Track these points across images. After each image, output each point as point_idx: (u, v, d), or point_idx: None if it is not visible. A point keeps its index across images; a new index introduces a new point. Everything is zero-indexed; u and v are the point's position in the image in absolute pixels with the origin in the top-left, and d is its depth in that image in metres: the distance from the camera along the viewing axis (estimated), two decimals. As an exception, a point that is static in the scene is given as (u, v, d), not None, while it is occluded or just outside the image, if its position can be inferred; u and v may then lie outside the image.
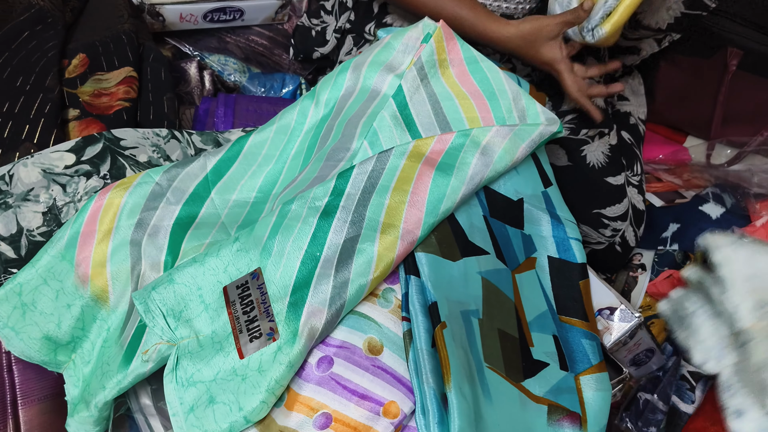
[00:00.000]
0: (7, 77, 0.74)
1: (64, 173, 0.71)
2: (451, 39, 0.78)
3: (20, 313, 0.66)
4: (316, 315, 0.59)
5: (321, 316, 0.58)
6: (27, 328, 0.66)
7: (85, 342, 0.68)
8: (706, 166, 1.25)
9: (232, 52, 1.12)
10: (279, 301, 0.60)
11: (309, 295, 0.60)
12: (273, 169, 0.77)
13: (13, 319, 0.66)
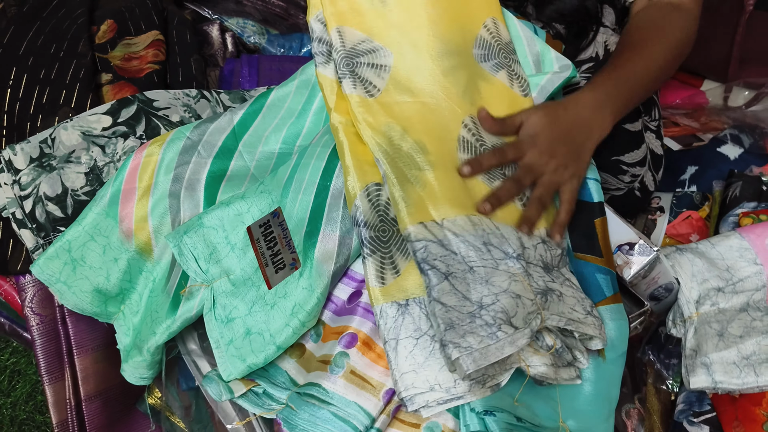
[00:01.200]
0: (40, 45, 0.77)
1: (103, 135, 0.74)
2: None
3: (71, 268, 0.70)
4: (329, 239, 0.63)
5: (333, 238, 0.63)
6: (78, 282, 0.71)
7: (132, 293, 0.73)
8: (723, 109, 1.26)
9: (250, 14, 1.13)
10: (298, 234, 0.64)
11: (323, 223, 0.64)
12: (296, 122, 0.79)
13: (64, 274, 0.70)
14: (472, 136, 0.67)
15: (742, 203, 0.91)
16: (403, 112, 0.68)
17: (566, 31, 0.99)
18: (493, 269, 0.58)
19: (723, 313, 0.78)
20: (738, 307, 0.78)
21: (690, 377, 0.75)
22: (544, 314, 0.57)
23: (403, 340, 0.56)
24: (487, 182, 0.66)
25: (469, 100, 0.69)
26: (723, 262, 0.81)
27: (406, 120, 0.67)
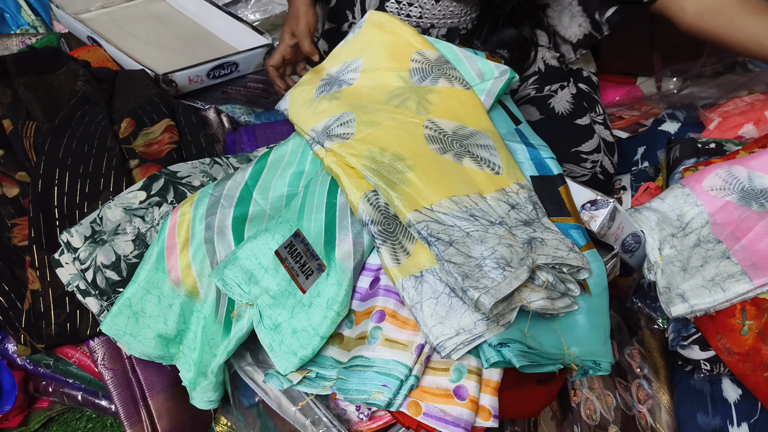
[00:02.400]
0: (76, 147, 0.93)
1: (140, 207, 0.89)
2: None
3: (134, 321, 0.83)
4: (344, 241, 0.77)
5: (348, 240, 0.77)
6: (142, 331, 0.83)
7: (188, 333, 0.85)
8: (658, 96, 1.44)
9: (236, 99, 1.31)
10: (318, 245, 0.78)
11: (336, 231, 0.78)
12: (297, 168, 0.94)
13: (129, 326, 0.82)
14: (433, 132, 0.83)
15: (683, 161, 1.06)
16: (376, 138, 0.83)
17: (509, 55, 1.17)
18: (484, 232, 0.72)
19: (682, 252, 0.91)
20: (692, 244, 0.91)
21: (670, 308, 0.88)
22: (533, 256, 0.70)
23: (426, 301, 0.69)
24: (476, 166, 0.81)
25: (423, 112, 0.86)
26: (673, 212, 0.95)
27: (381, 141, 0.82)
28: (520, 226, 0.76)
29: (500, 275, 0.67)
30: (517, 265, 0.69)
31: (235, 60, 1.31)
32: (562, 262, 0.72)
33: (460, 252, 0.70)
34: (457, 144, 0.84)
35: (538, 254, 0.71)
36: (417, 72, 0.92)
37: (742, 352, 0.82)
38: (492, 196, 0.78)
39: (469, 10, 1.14)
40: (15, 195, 0.93)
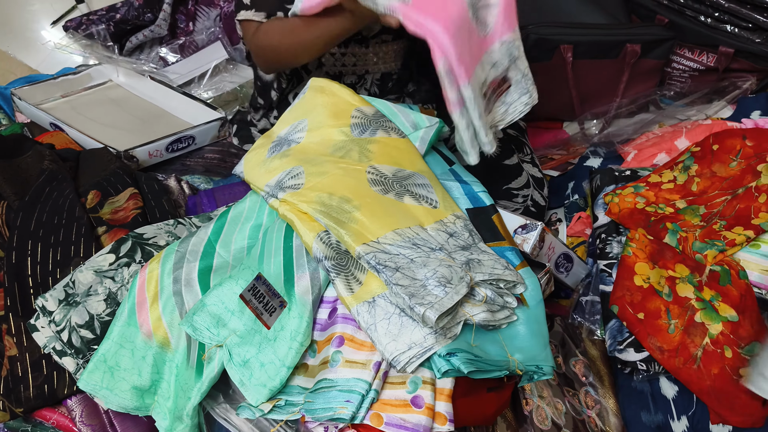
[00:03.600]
0: (46, 220, 0.99)
1: (110, 269, 0.95)
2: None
3: (110, 375, 0.88)
4: (302, 278, 0.85)
5: (305, 277, 0.85)
6: (118, 384, 0.87)
7: (162, 382, 0.90)
8: (582, 137, 1.58)
9: (195, 170, 1.40)
10: (278, 284, 0.85)
11: (294, 270, 0.86)
12: (255, 222, 1.02)
13: (105, 381, 0.87)
14: (375, 176, 0.93)
15: (604, 188, 1.18)
16: (324, 185, 0.93)
17: (437, 107, 1.30)
18: (426, 257, 0.81)
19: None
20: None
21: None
22: (471, 274, 0.79)
23: (379, 322, 0.77)
24: (415, 202, 0.90)
25: (365, 159, 0.96)
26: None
27: (329, 188, 0.92)
28: (458, 251, 0.85)
29: (442, 291, 0.75)
30: (457, 282, 0.77)
31: (191, 134, 1.40)
32: (498, 278, 0.81)
33: (406, 276, 0.78)
34: (397, 185, 0.94)
35: (476, 272, 0.80)
36: (357, 126, 1.03)
37: (672, 348, 0.91)
38: (432, 227, 0.88)
39: (395, 56, 1.27)
40: (-11, 269, 0.98)
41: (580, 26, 1.56)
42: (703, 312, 0.92)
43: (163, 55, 1.81)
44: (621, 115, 1.61)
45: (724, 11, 1.51)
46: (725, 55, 1.53)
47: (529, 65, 1.53)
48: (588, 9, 1.67)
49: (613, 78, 1.57)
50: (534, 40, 1.50)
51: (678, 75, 1.64)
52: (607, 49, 1.53)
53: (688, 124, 1.38)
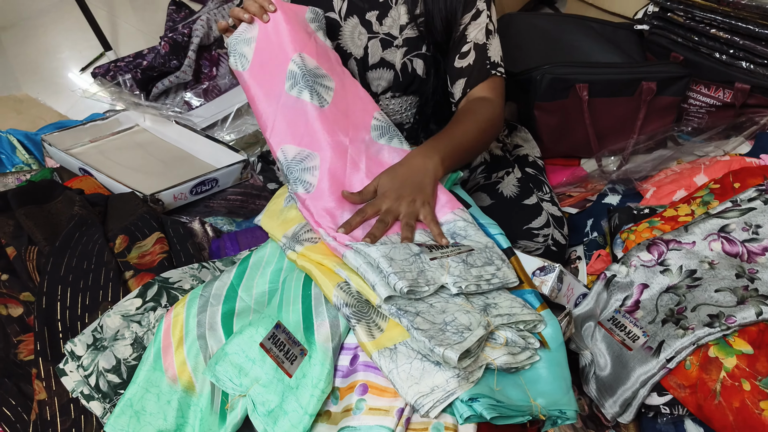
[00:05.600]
0: (75, 265, 1.02)
1: (137, 313, 0.97)
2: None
3: (136, 419, 0.89)
4: (322, 326, 0.86)
5: (325, 325, 0.86)
6: (144, 428, 0.89)
7: (186, 427, 0.90)
8: (600, 174, 1.59)
9: (218, 211, 1.43)
10: (298, 332, 0.86)
11: (314, 318, 0.87)
12: (275, 267, 1.04)
13: (131, 425, 0.88)
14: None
15: (622, 227, 1.18)
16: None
17: None
18: (445, 303, 0.82)
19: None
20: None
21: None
22: (490, 319, 0.80)
23: (401, 367, 0.77)
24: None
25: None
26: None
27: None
28: (475, 294, 0.86)
29: (460, 337, 0.76)
30: (476, 327, 0.78)
31: (215, 176, 1.44)
32: (518, 320, 0.82)
33: (426, 320, 0.79)
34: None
35: (494, 316, 0.81)
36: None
37: (691, 384, 0.91)
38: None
39: (408, 106, 1.29)
40: (20, 314, 1.01)
41: (595, 65, 1.58)
42: (716, 347, 0.91)
43: (188, 99, 1.87)
44: (639, 151, 1.62)
45: (739, 48, 1.53)
46: (741, 91, 1.53)
47: (546, 104, 1.56)
48: (603, 48, 1.70)
49: (630, 115, 1.59)
50: (549, 80, 1.52)
51: (695, 111, 1.65)
52: (622, 87, 1.55)
53: (706, 161, 1.38)
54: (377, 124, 1.10)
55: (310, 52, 1.07)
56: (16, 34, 2.32)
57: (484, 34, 1.17)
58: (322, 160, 1.02)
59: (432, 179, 0.99)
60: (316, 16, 1.12)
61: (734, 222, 1.05)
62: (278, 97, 1.05)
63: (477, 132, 1.10)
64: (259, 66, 1.05)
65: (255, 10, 1.03)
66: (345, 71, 1.12)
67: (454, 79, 1.20)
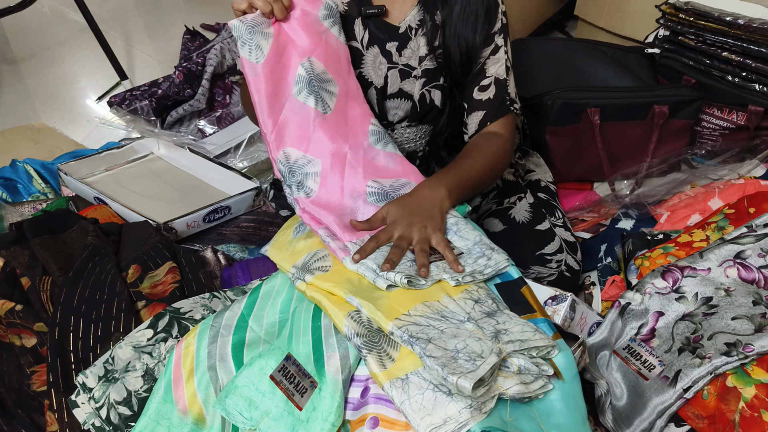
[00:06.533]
0: (88, 296, 1.03)
1: (148, 344, 0.97)
2: None
3: (146, 451, 0.89)
4: (332, 358, 0.86)
5: (336, 356, 0.86)
6: (153, 460, 0.88)
7: (197, 458, 0.90)
8: (614, 198, 1.58)
9: (231, 239, 1.43)
10: (309, 365, 0.86)
11: (324, 350, 0.87)
12: (286, 297, 1.04)
13: (141, 457, 0.88)
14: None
15: (636, 253, 1.17)
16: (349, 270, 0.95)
17: None
18: (456, 329, 0.82)
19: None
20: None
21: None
22: (501, 346, 0.79)
23: (413, 398, 0.77)
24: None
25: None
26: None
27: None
28: (485, 319, 0.85)
29: (473, 365, 0.75)
30: (488, 354, 0.77)
31: (227, 204, 1.45)
32: (530, 346, 0.81)
33: (438, 347, 0.79)
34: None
35: (505, 342, 0.80)
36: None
37: (709, 415, 0.89)
38: (459, 297, 0.88)
39: (422, 134, 1.30)
40: (33, 345, 1.02)
41: (606, 89, 1.58)
42: (734, 376, 0.89)
43: (201, 127, 1.89)
44: (652, 174, 1.61)
45: (752, 71, 1.52)
46: (755, 113, 1.52)
47: (557, 128, 1.56)
48: (614, 72, 1.70)
49: (643, 139, 1.58)
50: (560, 105, 1.53)
51: (709, 134, 1.64)
52: (634, 111, 1.54)
53: (720, 184, 1.37)
54: (374, 129, 1.14)
55: (319, 55, 1.09)
56: (35, 65, 2.37)
57: (504, 69, 1.20)
58: (323, 167, 1.06)
59: (439, 209, 1.00)
60: (330, 11, 1.12)
61: (750, 248, 1.03)
62: (285, 99, 1.07)
63: (485, 167, 1.12)
64: (273, 63, 1.06)
65: (276, 6, 1.03)
66: (351, 71, 1.15)
67: (472, 111, 1.21)
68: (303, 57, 1.07)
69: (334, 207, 1.03)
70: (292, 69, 1.07)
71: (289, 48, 1.07)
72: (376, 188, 1.07)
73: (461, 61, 1.18)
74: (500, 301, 0.90)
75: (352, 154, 1.09)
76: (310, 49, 1.08)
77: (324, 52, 1.09)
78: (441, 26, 1.18)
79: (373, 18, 1.19)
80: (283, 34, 1.07)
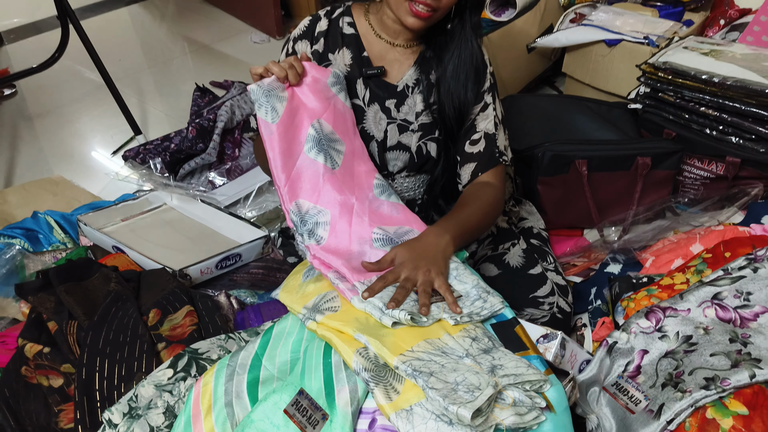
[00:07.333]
0: (113, 338, 1.11)
1: (169, 383, 1.05)
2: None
3: (167, 484, 0.95)
4: (342, 391, 0.93)
5: (345, 390, 0.93)
6: (174, 493, 0.95)
7: (216, 490, 0.96)
8: (603, 244, 1.66)
9: (241, 284, 1.51)
10: (320, 398, 0.93)
11: (334, 384, 0.94)
12: (296, 337, 1.12)
13: (162, 490, 0.95)
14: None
15: (622, 295, 1.25)
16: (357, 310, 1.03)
17: None
18: (455, 363, 0.89)
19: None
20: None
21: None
22: (497, 379, 0.87)
23: (417, 427, 0.84)
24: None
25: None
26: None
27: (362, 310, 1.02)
28: (482, 355, 0.93)
29: (471, 396, 0.83)
30: (485, 387, 0.85)
31: (238, 251, 1.54)
32: (523, 380, 0.88)
33: (439, 380, 0.86)
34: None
35: (501, 376, 0.87)
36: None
37: (692, 448, 0.96)
38: (458, 335, 0.97)
39: (420, 183, 1.39)
40: (60, 385, 1.09)
41: (592, 142, 1.69)
42: (713, 409, 0.96)
43: (212, 178, 2.00)
44: (639, 221, 1.70)
45: (728, 124, 1.63)
46: (733, 164, 1.63)
47: (548, 179, 1.66)
48: (600, 126, 1.82)
49: (628, 188, 1.68)
50: (550, 157, 1.63)
51: (690, 183, 1.74)
52: (619, 162, 1.65)
53: (701, 230, 1.46)
54: (378, 182, 1.25)
55: (328, 118, 1.21)
56: (52, 121, 2.49)
57: (493, 125, 1.31)
58: (332, 216, 1.16)
59: (443, 255, 1.09)
60: (338, 79, 1.26)
61: (726, 289, 1.12)
62: (297, 156, 1.18)
63: (482, 215, 1.22)
64: (287, 123, 1.17)
65: (290, 73, 1.15)
66: (356, 132, 1.27)
67: (464, 163, 1.32)
68: (313, 119, 1.18)
69: (343, 252, 1.12)
70: (303, 129, 1.17)
71: (301, 110, 1.18)
72: (381, 234, 1.16)
73: (454, 115, 1.29)
74: (495, 339, 0.98)
75: (359, 204, 1.18)
76: (319, 111, 1.19)
77: (332, 115, 1.20)
78: (436, 84, 1.29)
79: (373, 78, 1.31)
80: (295, 98, 1.18)
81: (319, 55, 1.30)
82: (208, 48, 3.06)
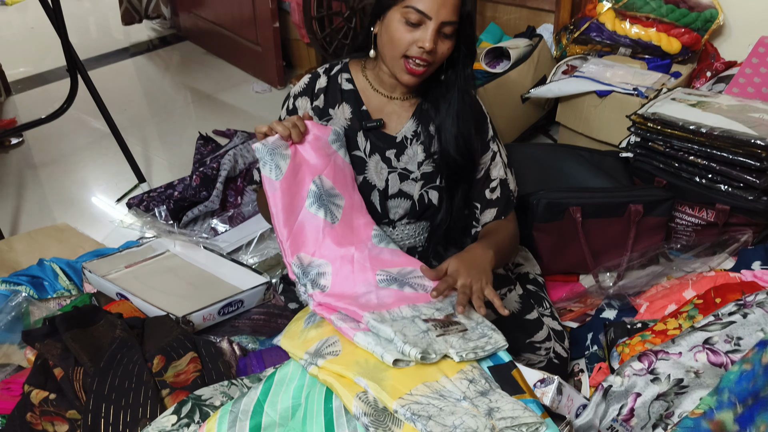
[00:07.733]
0: (118, 384, 1.13)
1: (173, 429, 1.06)
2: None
3: None
4: None
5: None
6: None
7: None
8: (598, 289, 1.70)
9: (243, 330, 1.54)
10: None
11: (335, 429, 0.96)
12: (298, 383, 1.14)
13: None
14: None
15: (617, 341, 1.28)
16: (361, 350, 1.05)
17: None
18: (453, 406, 0.92)
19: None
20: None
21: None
22: (494, 423, 0.89)
23: None
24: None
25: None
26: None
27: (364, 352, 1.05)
28: (479, 397, 0.95)
29: None
30: (482, 430, 0.87)
31: (240, 298, 1.56)
32: (520, 423, 0.91)
33: (438, 423, 0.89)
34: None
35: (497, 419, 0.90)
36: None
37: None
38: (455, 378, 0.99)
39: (421, 230, 1.44)
40: (65, 431, 1.10)
41: (586, 190, 1.74)
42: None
43: (214, 225, 2.04)
44: (633, 267, 1.74)
45: (716, 173, 1.68)
46: (722, 211, 1.68)
47: (543, 225, 1.70)
48: (593, 174, 1.87)
49: (622, 234, 1.72)
50: (545, 204, 1.68)
51: (682, 229, 1.78)
52: (612, 209, 1.70)
53: (693, 276, 1.50)
54: (376, 233, 1.30)
55: (329, 174, 1.27)
56: (57, 170, 2.55)
57: (504, 171, 1.43)
58: (334, 267, 1.20)
59: (490, 266, 1.21)
60: (338, 136, 1.32)
61: (717, 334, 1.15)
62: (299, 211, 1.23)
63: (509, 242, 1.38)
64: (290, 180, 1.22)
65: (293, 132, 1.21)
66: (355, 186, 1.33)
67: (485, 208, 1.42)
68: (315, 175, 1.23)
69: (349, 295, 1.16)
70: (305, 185, 1.22)
71: (303, 167, 1.23)
72: (385, 275, 1.20)
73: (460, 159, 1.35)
74: (492, 380, 1.01)
75: (359, 254, 1.22)
76: (320, 168, 1.24)
77: (332, 171, 1.26)
78: (436, 134, 1.35)
79: (373, 130, 1.36)
80: (298, 155, 1.23)
81: (319, 110, 1.36)
82: (211, 97, 3.15)
